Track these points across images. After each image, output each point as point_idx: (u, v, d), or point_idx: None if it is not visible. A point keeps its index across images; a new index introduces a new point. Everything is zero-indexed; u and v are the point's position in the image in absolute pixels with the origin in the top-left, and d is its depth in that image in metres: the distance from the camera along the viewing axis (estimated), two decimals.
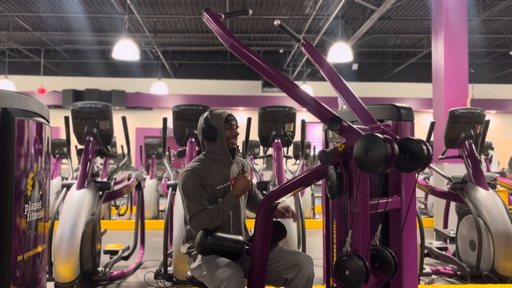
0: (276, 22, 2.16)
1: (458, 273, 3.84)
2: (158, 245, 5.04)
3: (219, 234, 2.12)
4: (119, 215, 7.69)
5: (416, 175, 1.89)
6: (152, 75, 13.54)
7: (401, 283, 1.87)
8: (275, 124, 4.19)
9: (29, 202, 1.97)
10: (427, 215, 7.59)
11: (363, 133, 1.58)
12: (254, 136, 4.44)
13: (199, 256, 2.17)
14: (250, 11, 2.26)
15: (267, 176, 6.65)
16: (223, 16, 2.16)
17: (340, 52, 8.44)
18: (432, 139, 6.04)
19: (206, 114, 2.29)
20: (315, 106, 1.76)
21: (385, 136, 1.48)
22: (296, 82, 12.45)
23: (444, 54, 6.17)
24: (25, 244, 1.94)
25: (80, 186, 3.65)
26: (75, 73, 13.99)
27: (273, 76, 1.90)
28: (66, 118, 4.03)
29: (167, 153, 5.25)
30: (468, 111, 4.10)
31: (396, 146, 1.48)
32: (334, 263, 1.65)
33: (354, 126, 1.65)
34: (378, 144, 1.45)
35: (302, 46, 2.25)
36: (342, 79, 2.08)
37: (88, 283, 3.53)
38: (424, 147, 1.51)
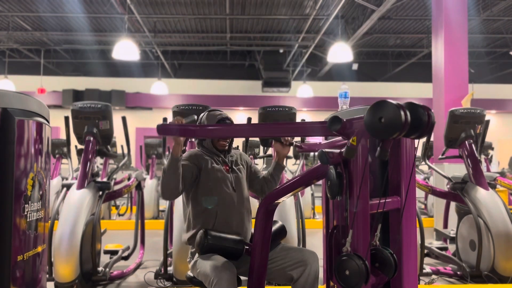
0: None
1: (458, 273, 3.84)
2: (158, 245, 5.04)
3: (219, 234, 2.13)
4: (119, 215, 7.69)
5: (414, 169, 1.89)
6: (152, 75, 13.54)
7: (401, 283, 1.87)
8: None
9: (29, 202, 1.97)
10: (427, 215, 7.59)
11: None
12: None
13: (197, 254, 2.19)
14: (195, 117, 2.30)
15: None
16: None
17: (340, 52, 8.44)
18: (432, 139, 6.04)
19: (203, 113, 2.44)
20: (308, 126, 1.81)
21: (397, 102, 1.48)
22: (297, 82, 12.40)
23: (444, 54, 6.17)
24: (25, 244, 1.94)
25: (80, 186, 3.65)
26: (75, 73, 13.98)
27: (256, 130, 2.05)
28: (66, 118, 4.03)
29: (167, 153, 5.25)
30: (468, 111, 4.10)
31: (408, 112, 1.48)
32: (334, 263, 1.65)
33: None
34: (392, 110, 1.45)
35: (297, 147, 2.42)
36: None
37: (88, 283, 3.53)
38: (426, 113, 1.51)
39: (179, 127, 2.09)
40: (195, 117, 2.29)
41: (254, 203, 3.55)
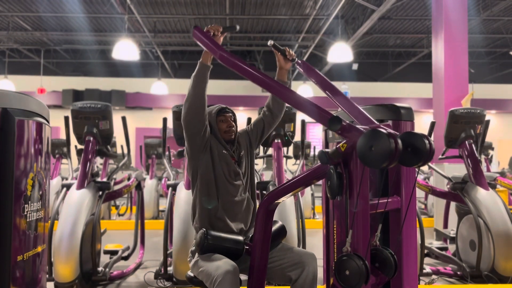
0: (270, 43, 2.22)
1: (458, 273, 3.84)
2: (158, 245, 5.04)
3: (219, 234, 2.13)
4: (119, 215, 7.69)
5: (416, 175, 1.89)
6: (152, 75, 13.54)
7: (401, 283, 1.87)
8: None
9: (29, 202, 1.97)
10: (427, 215, 7.59)
11: (364, 131, 1.57)
12: None
13: (197, 253, 2.18)
14: (238, 27, 2.27)
15: (267, 176, 6.65)
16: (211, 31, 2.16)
17: (340, 52, 8.44)
18: (432, 139, 6.04)
19: None
20: (313, 109, 1.76)
21: (388, 131, 1.48)
22: (296, 82, 12.35)
23: (444, 54, 6.17)
24: (25, 244, 1.94)
25: (80, 186, 3.65)
26: (75, 73, 13.99)
27: (268, 84, 1.92)
28: (66, 118, 4.03)
29: (167, 153, 5.25)
30: (468, 111, 4.10)
31: (399, 141, 1.48)
32: (334, 263, 1.65)
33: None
34: (382, 139, 1.44)
35: (297, 65, 2.29)
36: (339, 90, 2.11)
37: (88, 283, 3.53)
38: (426, 142, 1.51)
39: (214, 43, 2.02)
40: (238, 27, 2.22)
41: None
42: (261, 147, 4.54)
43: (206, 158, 2.24)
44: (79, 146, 4.17)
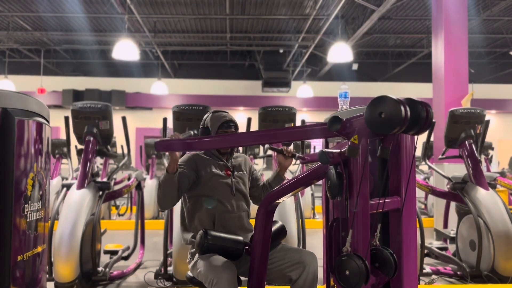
0: (266, 146, 2.31)
1: (458, 273, 3.85)
2: (158, 245, 5.04)
3: (219, 234, 2.13)
4: (119, 215, 7.69)
5: (414, 169, 1.89)
6: (152, 75, 13.53)
7: (401, 283, 1.87)
8: (275, 124, 4.19)
9: (29, 202, 1.97)
10: (427, 215, 7.59)
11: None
12: None
13: (197, 254, 2.19)
14: (192, 133, 2.35)
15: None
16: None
17: (340, 52, 8.44)
18: (432, 139, 6.04)
19: (207, 114, 2.41)
20: (309, 130, 1.80)
21: (396, 97, 1.48)
22: (296, 82, 12.37)
23: (444, 54, 6.17)
24: (25, 244, 1.94)
25: (80, 186, 3.65)
26: (75, 73, 13.98)
27: (258, 136, 2.01)
28: (66, 118, 4.03)
29: (167, 153, 5.25)
30: (468, 111, 4.10)
31: (407, 107, 1.47)
32: (334, 263, 1.65)
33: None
34: (392, 105, 1.44)
35: (299, 159, 2.46)
36: None
37: (88, 283, 3.53)
38: (425, 109, 1.51)
39: (180, 142, 2.09)
40: (192, 133, 2.30)
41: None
42: (261, 147, 4.55)
43: (196, 186, 2.29)
44: (79, 146, 4.17)
